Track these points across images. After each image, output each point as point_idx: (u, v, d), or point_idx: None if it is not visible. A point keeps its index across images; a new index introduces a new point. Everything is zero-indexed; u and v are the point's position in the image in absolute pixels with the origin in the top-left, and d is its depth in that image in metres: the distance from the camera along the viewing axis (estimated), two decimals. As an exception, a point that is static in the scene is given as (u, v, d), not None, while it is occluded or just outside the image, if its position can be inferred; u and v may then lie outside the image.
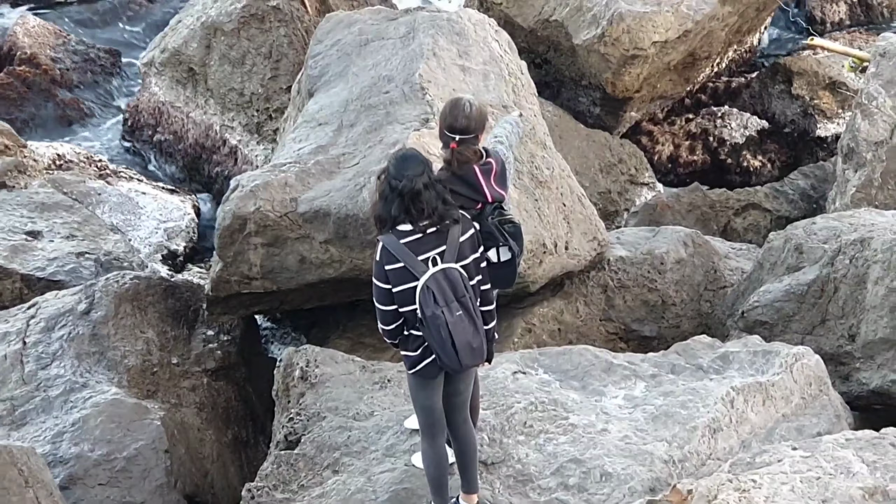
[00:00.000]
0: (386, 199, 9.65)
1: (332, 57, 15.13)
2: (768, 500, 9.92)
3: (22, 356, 13.77)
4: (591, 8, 17.81)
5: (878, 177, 15.42)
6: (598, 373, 12.44)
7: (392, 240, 9.61)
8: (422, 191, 9.52)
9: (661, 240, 15.08)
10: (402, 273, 9.62)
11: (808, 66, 19.71)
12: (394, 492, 11.24)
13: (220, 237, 13.48)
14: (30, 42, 19.93)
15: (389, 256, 9.64)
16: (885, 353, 12.82)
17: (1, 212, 16.38)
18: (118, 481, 12.73)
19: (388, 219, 9.67)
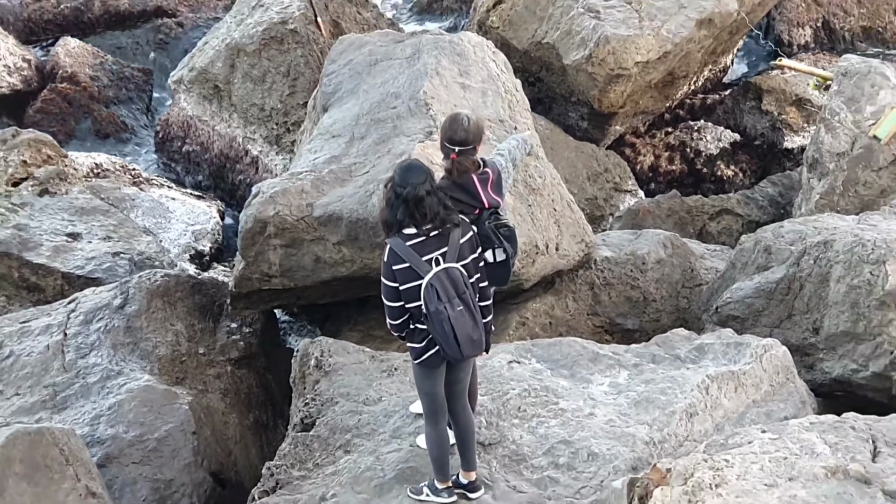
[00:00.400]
0: (392, 206, 9.70)
1: (344, 75, 15.13)
2: (740, 478, 9.90)
3: (63, 346, 13.78)
4: (580, 31, 17.80)
5: (839, 185, 15.41)
6: (586, 362, 12.44)
7: (399, 242, 9.66)
8: (424, 197, 9.57)
9: (642, 242, 15.08)
10: (408, 272, 9.66)
11: (776, 85, 19.70)
12: (400, 470, 11.23)
13: (243, 239, 13.49)
14: (70, 62, 19.93)
15: (396, 257, 9.69)
16: (845, 344, 12.80)
17: (44, 215, 16.39)
18: (150, 460, 12.73)
19: (394, 223, 9.71)
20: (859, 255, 12.86)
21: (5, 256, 15.79)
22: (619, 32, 17.63)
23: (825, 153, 15.58)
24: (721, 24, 18.48)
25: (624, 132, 18.90)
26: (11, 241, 15.90)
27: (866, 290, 12.70)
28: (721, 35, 18.78)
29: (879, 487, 10.01)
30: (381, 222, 9.92)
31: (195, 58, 18.88)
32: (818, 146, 15.71)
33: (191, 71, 18.74)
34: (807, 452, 10.22)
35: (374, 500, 11.09)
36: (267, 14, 18.23)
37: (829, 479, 10.03)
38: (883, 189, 15.23)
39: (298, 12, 17.93)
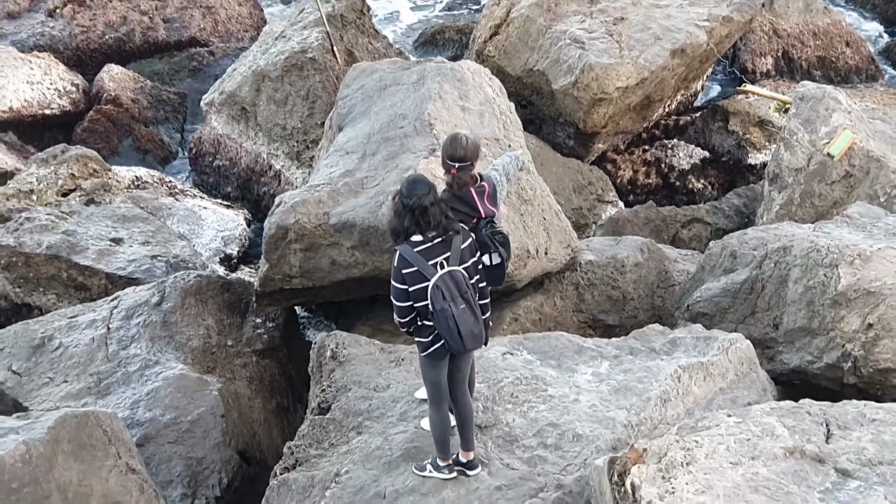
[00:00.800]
0: (399, 215, 9.78)
1: (357, 98, 15.13)
2: (708, 457, 9.90)
3: (106, 339, 13.79)
4: (567, 60, 17.80)
5: (797, 197, 15.41)
6: (572, 354, 12.45)
7: (407, 248, 9.75)
8: (428, 207, 9.67)
9: (622, 247, 15.08)
10: (416, 275, 9.75)
11: (741, 108, 19.70)
12: (406, 449, 11.25)
13: (267, 243, 13.49)
14: (114, 86, 19.94)
15: (405, 262, 9.76)
16: (802, 338, 12.81)
17: (90, 222, 16.39)
18: (183, 440, 12.74)
19: (401, 231, 9.80)
20: (815, 260, 12.87)
21: (55, 259, 15.81)
22: (601, 61, 17.64)
23: (784, 169, 15.58)
24: (692, 53, 18.48)
25: (606, 149, 18.89)
26: (61, 245, 15.91)
27: (821, 291, 12.71)
28: (692, 63, 18.79)
29: (832, 466, 10.02)
30: (390, 231, 9.98)
31: (225, 83, 18.89)
32: (778, 162, 15.71)
33: (221, 94, 18.74)
34: (767, 434, 10.23)
35: (382, 476, 11.10)
36: (289, 44, 18.24)
37: (788, 459, 10.04)
38: (836, 201, 15.24)
39: (317, 42, 17.93)
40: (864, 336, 12.37)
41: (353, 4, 18.80)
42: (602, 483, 9.96)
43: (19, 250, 15.87)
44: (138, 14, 21.81)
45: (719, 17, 18.89)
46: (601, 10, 18.68)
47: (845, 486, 9.85)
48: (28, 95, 19.30)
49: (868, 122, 15.96)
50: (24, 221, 16.17)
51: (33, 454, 10.81)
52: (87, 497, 11.02)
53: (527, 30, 18.40)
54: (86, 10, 21.66)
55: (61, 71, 20.00)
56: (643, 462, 9.79)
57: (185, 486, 12.49)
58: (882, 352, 12.28)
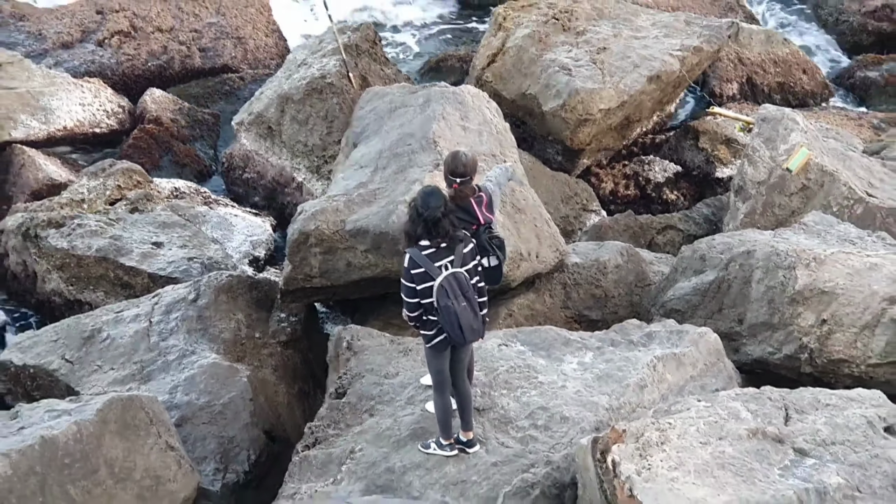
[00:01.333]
0: (413, 222, 9.95)
1: (370, 119, 15.13)
2: (680, 437, 9.90)
3: (148, 331, 13.78)
4: (556, 85, 17.80)
5: (759, 207, 15.40)
6: (559, 345, 12.44)
7: (416, 252, 9.90)
8: (440, 219, 9.87)
9: (604, 251, 15.06)
10: (423, 275, 9.88)
11: (710, 127, 19.68)
12: (412, 429, 11.25)
13: (290, 247, 13.49)
14: (155, 107, 19.93)
15: (415, 264, 9.90)
16: (764, 332, 12.80)
17: (135, 228, 16.39)
18: (216, 421, 12.74)
19: (413, 235, 9.96)
20: (775, 262, 12.86)
21: (104, 260, 15.80)
22: (586, 86, 17.63)
23: (748, 181, 15.57)
24: (666, 79, 18.47)
25: (590, 164, 18.88)
26: (109, 248, 15.91)
27: (780, 290, 12.70)
28: (666, 88, 18.79)
29: (790, 445, 10.02)
30: (404, 233, 10.18)
31: (253, 104, 18.88)
32: (742, 176, 15.70)
33: (250, 115, 18.73)
34: (733, 417, 10.23)
35: (392, 453, 11.10)
36: (310, 70, 18.23)
37: (751, 439, 10.04)
38: (793, 210, 15.23)
39: (334, 69, 17.92)
40: (818, 330, 12.37)
41: (366, 35, 18.79)
42: (586, 460, 9.95)
43: (72, 252, 15.87)
44: (177, 44, 21.80)
45: (691, 47, 18.87)
46: (586, 40, 18.67)
47: (802, 463, 9.85)
48: (80, 116, 19.30)
49: (822, 141, 15.95)
50: (76, 227, 16.17)
51: (84, 433, 10.84)
52: (131, 471, 11.04)
53: (520, 58, 18.38)
54: (131, 40, 21.66)
55: (109, 94, 20.00)
56: (623, 442, 9.78)
57: (217, 462, 12.49)
58: (834, 344, 12.27)
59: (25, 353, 13.81)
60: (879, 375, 12.01)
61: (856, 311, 12.25)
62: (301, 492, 11.02)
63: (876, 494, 9.65)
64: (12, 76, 19.34)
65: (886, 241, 13.75)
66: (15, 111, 18.63)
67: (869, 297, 12.28)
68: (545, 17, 19.10)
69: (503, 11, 19.37)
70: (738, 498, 9.36)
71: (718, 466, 9.68)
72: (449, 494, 10.63)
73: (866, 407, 10.59)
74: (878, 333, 12.10)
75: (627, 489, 9.44)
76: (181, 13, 22.18)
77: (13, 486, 10.40)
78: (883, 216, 14.63)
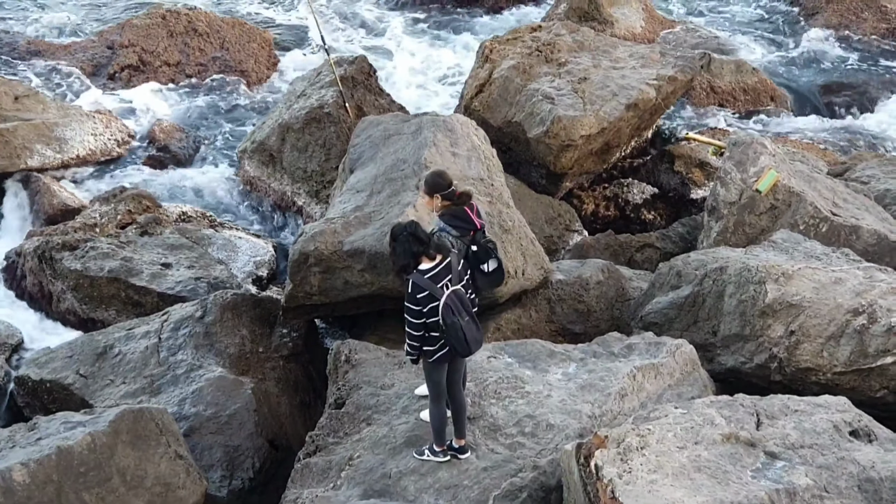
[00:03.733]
0: (406, 250, 10.12)
1: (365, 146, 15.17)
2: (658, 442, 9.93)
3: (158, 347, 13.80)
4: (539, 113, 17.85)
5: (731, 226, 15.44)
6: (545, 357, 12.46)
7: (418, 276, 10.02)
8: (439, 236, 10.34)
9: (586, 268, 15.08)
10: (428, 297, 10.00)
11: (684, 152, 19.73)
12: (407, 437, 11.28)
13: (291, 267, 13.53)
14: (163, 136, 19.97)
15: (419, 288, 10.02)
16: (736, 343, 12.82)
17: (144, 250, 16.41)
18: (222, 431, 12.76)
19: (410, 264, 10.12)
20: (746, 278, 12.90)
21: (115, 280, 15.81)
22: (568, 114, 17.69)
23: (721, 202, 15.62)
24: (643, 107, 18.53)
25: (572, 187, 18.92)
26: (120, 269, 15.92)
27: (751, 303, 12.73)
28: (644, 115, 18.84)
29: (762, 449, 10.07)
30: (400, 268, 10.18)
31: (255, 133, 18.93)
32: (715, 197, 15.76)
33: (252, 143, 18.78)
34: (708, 423, 10.26)
35: (388, 459, 11.11)
36: (308, 101, 18.28)
37: (725, 443, 10.08)
38: (763, 229, 15.27)
39: (332, 100, 17.98)
40: (787, 341, 12.40)
41: (361, 68, 18.86)
42: (571, 464, 9.97)
43: (85, 274, 15.88)
44: (184, 77, 21.86)
45: (666, 76, 18.94)
46: (567, 71, 18.73)
47: (773, 465, 9.89)
48: (92, 145, 19.33)
49: (789, 164, 16.02)
50: (90, 250, 16.18)
51: (97, 443, 10.86)
52: (143, 479, 11.05)
53: (506, 88, 18.44)
54: (140, 73, 21.71)
55: (120, 125, 20.04)
56: (605, 447, 9.80)
57: (224, 469, 12.51)
58: (802, 354, 12.31)
59: (42, 369, 13.84)
60: (844, 383, 12.04)
61: (822, 323, 12.30)
62: (303, 497, 11.04)
63: (842, 494, 9.69)
64: (29, 108, 19.39)
65: (850, 256, 13.81)
66: (31, 141, 18.66)
67: (834, 309, 12.33)
68: (529, 49, 19.17)
69: (490, 45, 19.44)
70: (713, 499, 9.39)
71: (695, 469, 9.71)
72: (442, 498, 10.65)
73: (832, 412, 10.64)
74: (842, 343, 12.14)
75: (610, 491, 9.47)
76: (187, 48, 22.24)
77: (31, 493, 10.43)
78: (846, 234, 14.70)
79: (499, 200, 14.17)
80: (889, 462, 10.04)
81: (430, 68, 23.99)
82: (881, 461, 10.04)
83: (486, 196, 14.00)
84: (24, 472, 10.47)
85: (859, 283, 12.55)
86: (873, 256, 14.17)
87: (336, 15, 25.63)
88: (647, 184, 19.56)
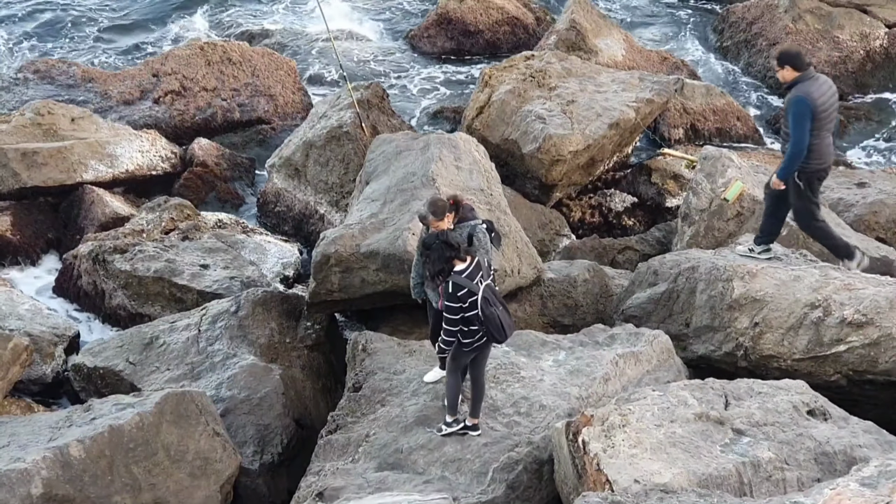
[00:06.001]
0: (440, 256, 10.23)
1: (379, 161, 15.18)
2: (638, 420, 9.94)
3: (198, 338, 13.84)
4: (532, 132, 17.86)
5: (702, 231, 15.44)
6: (538, 346, 12.47)
7: (457, 277, 10.15)
8: (468, 240, 10.68)
9: (574, 268, 15.08)
10: (467, 294, 10.03)
11: (661, 165, 19.69)
12: (417, 417, 11.31)
13: (314, 267, 13.54)
14: (202, 154, 19.96)
15: (459, 287, 10.17)
16: (706, 334, 12.82)
17: (185, 253, 16.42)
18: (254, 412, 12.78)
19: (444, 268, 10.05)
20: (715, 276, 12.91)
21: (160, 280, 15.82)
22: (558, 132, 17.69)
23: (692, 209, 15.62)
24: (624, 126, 18.53)
25: (562, 197, 18.89)
26: (164, 269, 15.93)
27: (720, 298, 12.74)
28: (624, 133, 18.84)
29: (730, 426, 10.08)
30: (436, 273, 10.19)
31: (283, 150, 18.94)
32: (688, 205, 15.77)
33: (280, 159, 18.79)
34: (682, 404, 10.27)
35: (400, 436, 11.13)
36: (329, 122, 18.30)
37: (697, 422, 10.09)
38: (730, 233, 15.27)
39: (350, 120, 17.98)
40: (752, 332, 12.40)
41: (376, 92, 18.87)
42: (561, 440, 9.99)
43: (134, 274, 15.90)
44: (220, 100, 21.84)
45: (644, 99, 18.94)
46: (557, 94, 18.72)
47: (739, 441, 9.90)
48: (140, 161, 19.33)
49: (754, 175, 16.02)
50: (137, 253, 16.21)
51: (145, 422, 10.90)
52: (185, 453, 11.09)
53: (503, 110, 18.44)
54: (181, 98, 21.71)
55: (163, 143, 20.05)
56: (591, 425, 9.82)
57: (256, 446, 12.52)
58: (765, 343, 12.31)
59: (96, 357, 13.87)
60: (803, 368, 12.04)
61: (783, 315, 12.29)
62: (325, 469, 11.06)
63: (801, 466, 9.71)
64: (83, 128, 19.41)
65: (807, 257, 13.81)
66: (86, 157, 18.68)
67: (793, 303, 12.32)
68: (523, 76, 19.17)
69: (489, 72, 19.44)
70: (687, 470, 9.40)
71: (670, 444, 9.72)
72: (448, 470, 10.67)
73: (792, 394, 10.64)
74: (801, 334, 12.13)
75: (595, 464, 9.48)
76: (223, 75, 22.25)
77: (87, 466, 10.48)
78: (804, 237, 14.68)
79: (497, 208, 14.17)
80: (842, 438, 10.05)
81: (434, 92, 24.01)
82: (835, 437, 10.05)
83: (486, 204, 14.00)
84: (80, 447, 10.51)
85: (816, 280, 12.55)
86: (828, 257, 14.16)
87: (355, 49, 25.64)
88: (627, 194, 19.54)
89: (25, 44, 25.73)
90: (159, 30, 26.61)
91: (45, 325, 14.90)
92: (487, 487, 10.43)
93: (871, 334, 11.75)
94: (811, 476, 9.65)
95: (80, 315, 16.46)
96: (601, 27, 23.13)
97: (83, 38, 26.10)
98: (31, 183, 18.12)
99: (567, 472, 9.91)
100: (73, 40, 26.01)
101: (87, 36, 26.19)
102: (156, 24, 26.85)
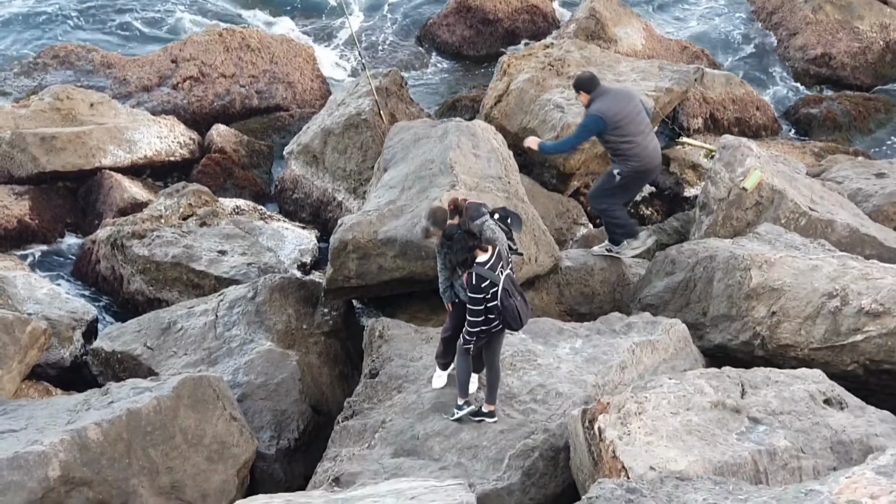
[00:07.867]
0: (462, 247, 10.30)
1: (397, 148, 15.20)
2: (654, 408, 9.96)
3: (215, 324, 13.88)
4: (551, 121, 17.84)
5: (720, 220, 15.39)
6: (554, 334, 12.49)
7: (479, 268, 10.22)
8: (481, 231, 10.49)
9: (591, 256, 15.09)
10: (489, 285, 10.09)
11: (679, 154, 19.66)
12: (433, 403, 11.36)
13: (331, 253, 13.57)
14: (220, 140, 20.00)
15: (482, 279, 10.24)
16: (723, 323, 12.83)
17: (203, 239, 16.47)
18: (271, 397, 12.82)
19: (466, 259, 10.13)
20: (733, 265, 12.90)
21: (178, 265, 15.90)
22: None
23: (711, 199, 15.59)
24: (643, 115, 18.49)
25: (579, 186, 18.85)
26: (182, 255, 16.01)
27: (737, 287, 12.74)
28: (643, 122, 18.78)
29: (746, 415, 10.10)
30: (459, 264, 10.26)
31: (301, 136, 18.96)
32: (706, 194, 15.73)
33: (298, 146, 18.81)
34: (698, 392, 10.28)
35: (416, 423, 11.18)
36: (347, 109, 18.30)
37: (713, 410, 10.11)
38: (748, 222, 15.22)
39: (368, 108, 17.98)
40: (769, 321, 12.40)
41: (394, 80, 18.85)
42: (577, 428, 10.02)
43: (152, 259, 15.99)
44: (238, 87, 21.89)
45: (663, 88, 18.90)
46: (576, 83, 18.69)
47: (755, 429, 9.92)
48: (158, 147, 19.39)
49: (773, 165, 15.97)
50: (155, 238, 16.28)
51: (162, 406, 10.96)
52: (202, 438, 11.15)
53: (521, 98, 18.43)
54: (200, 84, 21.74)
55: (182, 129, 20.10)
56: (607, 412, 9.84)
57: (272, 431, 12.57)
58: (782, 332, 12.31)
59: (114, 342, 13.94)
60: (819, 358, 12.04)
61: (800, 305, 12.29)
62: (341, 455, 11.12)
63: (817, 455, 9.72)
64: (102, 114, 19.49)
65: (825, 247, 13.79)
66: (105, 143, 18.76)
67: (811, 292, 12.32)
68: (542, 64, 19.14)
69: (508, 60, 19.41)
70: (703, 458, 9.42)
71: (686, 432, 9.74)
72: (464, 457, 10.71)
73: (809, 383, 10.65)
74: (818, 323, 12.13)
75: (611, 451, 9.51)
76: (241, 62, 22.28)
77: (105, 449, 10.54)
78: (822, 227, 14.65)
79: (514, 196, 14.18)
80: (858, 427, 10.06)
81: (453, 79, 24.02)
82: (851, 426, 10.06)
83: (504, 192, 14.01)
84: (98, 430, 10.58)
85: (833, 269, 12.53)
86: (846, 247, 14.13)
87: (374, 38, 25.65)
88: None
89: (43, 30, 25.79)
90: (177, 14, 26.61)
91: (63, 309, 14.98)
92: (503, 474, 10.47)
93: (888, 324, 11.74)
94: (827, 464, 9.66)
95: (99, 300, 16.56)
96: (621, 16, 23.06)
97: (102, 24, 26.14)
98: (50, 167, 18.22)
99: (583, 460, 9.95)
100: (93, 25, 26.04)
101: (106, 21, 26.23)
102: (173, 10, 26.88)
